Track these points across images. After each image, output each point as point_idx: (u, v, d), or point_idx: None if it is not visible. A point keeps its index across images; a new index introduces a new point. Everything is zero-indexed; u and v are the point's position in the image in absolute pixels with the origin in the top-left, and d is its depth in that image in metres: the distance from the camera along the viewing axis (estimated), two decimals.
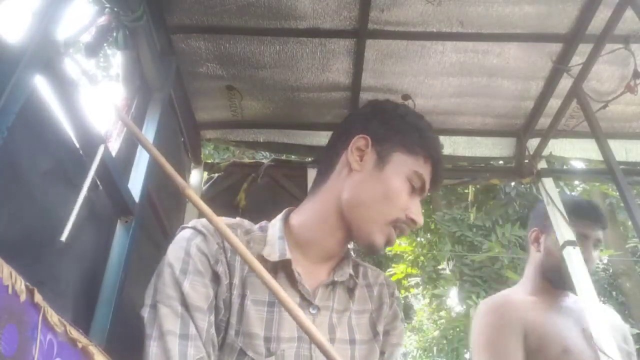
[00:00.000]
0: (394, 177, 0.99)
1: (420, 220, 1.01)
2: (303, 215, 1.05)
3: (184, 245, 0.93)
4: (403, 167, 1.01)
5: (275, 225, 1.04)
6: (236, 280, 0.93)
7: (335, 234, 1.03)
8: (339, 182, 1.03)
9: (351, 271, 1.06)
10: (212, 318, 0.89)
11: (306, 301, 0.98)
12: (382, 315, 1.07)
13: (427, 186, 1.04)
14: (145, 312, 0.90)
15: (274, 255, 0.97)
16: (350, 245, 1.10)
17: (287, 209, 1.11)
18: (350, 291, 1.06)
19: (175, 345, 0.82)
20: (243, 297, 0.92)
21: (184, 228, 0.99)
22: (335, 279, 1.01)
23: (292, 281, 0.97)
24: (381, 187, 0.98)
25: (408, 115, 1.11)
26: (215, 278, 0.92)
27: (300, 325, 0.79)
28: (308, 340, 0.92)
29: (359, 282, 1.08)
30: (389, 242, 1.01)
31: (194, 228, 0.96)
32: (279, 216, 1.08)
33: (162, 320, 0.85)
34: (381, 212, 0.98)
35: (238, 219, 1.06)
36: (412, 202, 1.01)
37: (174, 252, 0.94)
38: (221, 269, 0.92)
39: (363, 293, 1.08)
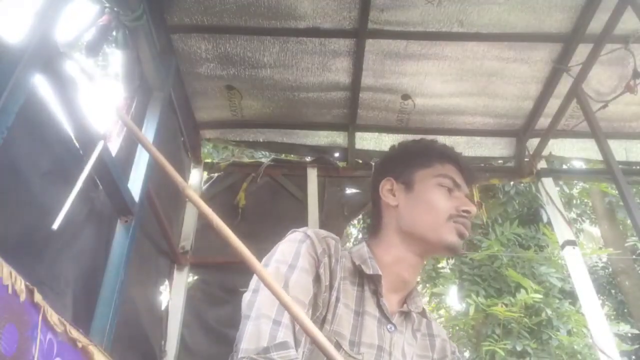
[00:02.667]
0: (425, 189, 1.14)
1: (471, 207, 1.12)
2: (380, 247, 1.16)
3: (295, 245, 1.02)
4: (427, 179, 1.15)
5: (362, 248, 1.15)
6: (335, 284, 1.03)
7: (407, 263, 1.13)
8: (391, 220, 1.16)
9: (423, 305, 1.17)
10: (309, 314, 0.96)
11: (385, 318, 1.07)
12: None
13: (460, 181, 1.16)
14: (247, 296, 0.97)
15: (368, 270, 1.07)
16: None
17: (364, 239, 1.21)
18: (414, 332, 1.16)
19: (268, 327, 0.88)
20: (337, 300, 1.03)
21: (295, 231, 1.08)
22: (410, 309, 1.12)
23: (376, 297, 1.08)
24: (421, 201, 1.13)
25: (407, 144, 1.28)
26: (317, 279, 1.00)
27: (296, 318, 0.81)
28: (388, 351, 1.03)
29: (421, 329, 1.19)
30: (462, 235, 1.11)
31: (304, 232, 1.05)
32: (362, 243, 1.19)
33: (261, 304, 0.92)
34: (433, 218, 1.10)
35: (337, 237, 1.15)
36: (455, 200, 1.13)
37: (285, 250, 1.02)
38: (323, 271, 1.01)
39: (425, 341, 1.18)
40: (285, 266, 0.97)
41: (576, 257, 2.16)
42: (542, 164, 2.46)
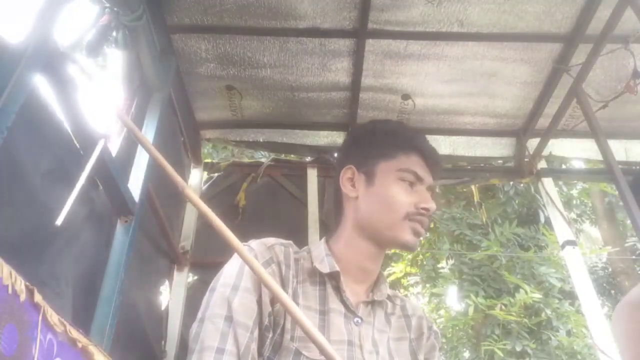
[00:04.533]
0: (385, 185, 1.11)
1: (430, 205, 1.10)
2: (339, 242, 1.16)
3: (240, 263, 1.00)
4: (389, 172, 1.12)
5: (319, 247, 1.15)
6: (290, 291, 1.03)
7: (368, 253, 1.13)
8: (350, 212, 1.15)
9: (389, 292, 1.16)
10: (257, 334, 0.96)
11: (351, 312, 1.06)
12: (421, 345, 1.16)
13: (423, 173, 1.13)
14: (194, 326, 0.97)
15: (324, 269, 1.07)
16: None
17: (324, 238, 1.21)
18: (388, 317, 1.15)
19: (211, 359, 0.88)
20: (296, 305, 1.02)
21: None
22: (375, 298, 1.11)
23: (338, 293, 1.07)
24: (378, 198, 1.10)
25: (376, 127, 1.22)
26: (262, 296, 0.99)
27: (295, 318, 0.81)
28: (358, 344, 1.02)
29: (396, 312, 1.17)
30: (417, 234, 1.10)
31: (248, 246, 1.04)
32: (321, 241, 1.18)
33: (204, 336, 0.92)
34: (391, 216, 1.09)
35: (289, 241, 1.14)
36: (416, 195, 1.11)
37: (229, 270, 1.02)
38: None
39: (400, 323, 1.16)
40: (228, 289, 0.97)
41: (576, 257, 2.16)
42: (542, 164, 2.46)
